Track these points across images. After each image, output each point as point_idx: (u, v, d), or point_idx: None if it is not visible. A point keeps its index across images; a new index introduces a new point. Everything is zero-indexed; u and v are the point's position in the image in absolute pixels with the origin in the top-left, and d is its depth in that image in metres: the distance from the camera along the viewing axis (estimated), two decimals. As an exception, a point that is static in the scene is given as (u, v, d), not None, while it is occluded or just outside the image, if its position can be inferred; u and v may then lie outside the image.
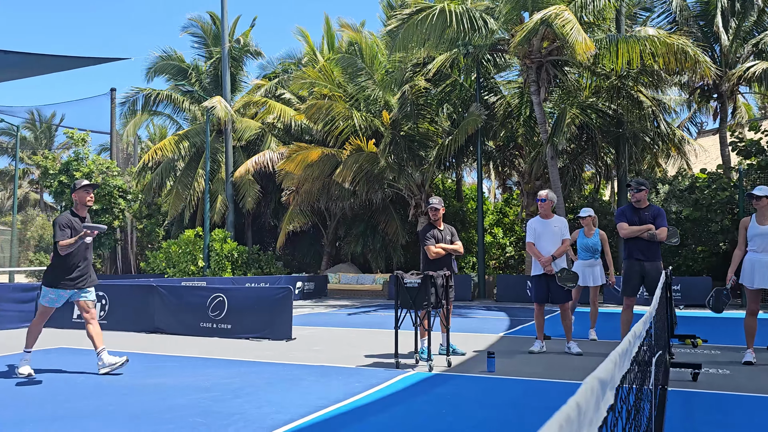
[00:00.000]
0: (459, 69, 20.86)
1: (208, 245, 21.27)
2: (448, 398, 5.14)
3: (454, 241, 7.55)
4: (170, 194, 25.22)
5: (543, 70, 17.51)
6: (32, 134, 44.81)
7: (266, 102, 24.52)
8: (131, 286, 10.67)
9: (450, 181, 26.67)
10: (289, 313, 9.10)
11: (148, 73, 26.66)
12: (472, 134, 18.91)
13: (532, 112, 18.73)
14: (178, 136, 25.02)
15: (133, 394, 5.26)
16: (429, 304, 6.45)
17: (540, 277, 7.51)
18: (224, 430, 4.14)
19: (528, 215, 20.16)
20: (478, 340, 8.88)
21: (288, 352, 7.76)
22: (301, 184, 21.29)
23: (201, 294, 9.83)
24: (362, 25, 25.31)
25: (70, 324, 10.70)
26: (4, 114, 28.00)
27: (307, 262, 25.89)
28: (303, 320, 12.06)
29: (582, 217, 8.97)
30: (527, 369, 6.52)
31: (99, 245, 24.77)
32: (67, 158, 25.07)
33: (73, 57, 20.53)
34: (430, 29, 16.49)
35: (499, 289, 17.95)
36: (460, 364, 6.88)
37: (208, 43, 27.06)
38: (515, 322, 11.64)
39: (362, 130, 20.21)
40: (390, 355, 7.38)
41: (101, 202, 24.02)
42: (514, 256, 23.83)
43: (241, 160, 24.29)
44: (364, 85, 21.09)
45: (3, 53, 18.32)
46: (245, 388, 5.50)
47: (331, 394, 5.28)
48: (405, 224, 22.66)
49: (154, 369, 6.55)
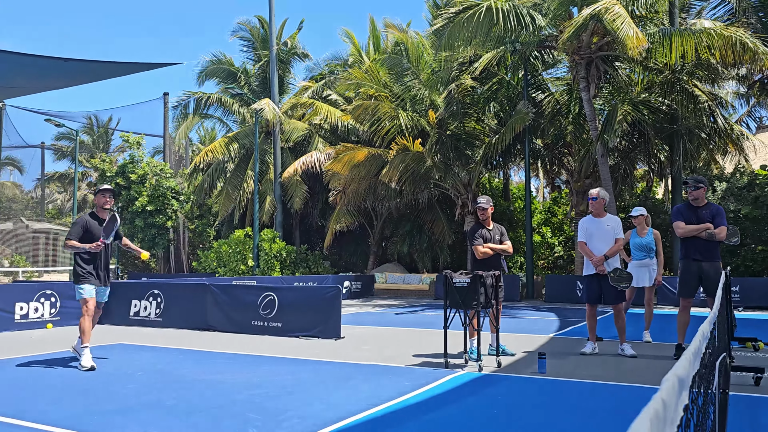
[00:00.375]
0: (506, 67, 20.64)
1: (257, 245, 21.65)
2: (499, 399, 5.10)
3: (503, 241, 7.48)
4: (220, 195, 25.77)
5: (593, 66, 17.17)
6: (90, 138, 46.46)
7: (313, 103, 24.80)
8: (185, 285, 10.96)
9: (497, 180, 26.42)
10: (338, 312, 9.19)
11: (199, 77, 27.35)
12: (520, 132, 18.68)
13: (582, 109, 18.38)
14: (227, 138, 25.56)
15: (191, 389, 5.41)
16: (478, 304, 6.42)
17: (592, 277, 7.37)
18: (279, 426, 4.22)
19: (577, 214, 19.80)
20: (527, 341, 8.78)
21: (337, 351, 7.84)
22: (347, 184, 21.45)
23: (252, 293, 10.02)
24: (408, 25, 25.33)
25: (128, 321, 11.07)
26: (65, 119, 29.15)
27: (354, 261, 26.07)
28: (351, 319, 12.15)
29: (634, 216, 8.77)
30: (580, 371, 6.42)
31: (153, 245, 25.51)
32: (122, 161, 25.91)
33: (128, 63, 21.22)
34: (476, 27, 16.37)
35: (548, 290, 17.69)
36: (510, 364, 6.82)
37: (257, 46, 27.55)
38: (565, 323, 11.46)
39: (408, 129, 20.22)
40: (439, 355, 7.37)
41: (155, 203, 24.71)
42: (563, 256, 23.44)
43: (288, 161, 24.64)
44: (410, 84, 21.09)
45: (63, 61, 19.10)
46: (297, 386, 5.58)
47: (381, 392, 5.31)
48: (451, 224, 22.56)
49: (209, 366, 6.71)
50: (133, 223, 24.96)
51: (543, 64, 20.62)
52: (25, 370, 6.48)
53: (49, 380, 5.89)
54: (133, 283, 11.65)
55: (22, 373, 6.25)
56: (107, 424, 4.30)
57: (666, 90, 18.06)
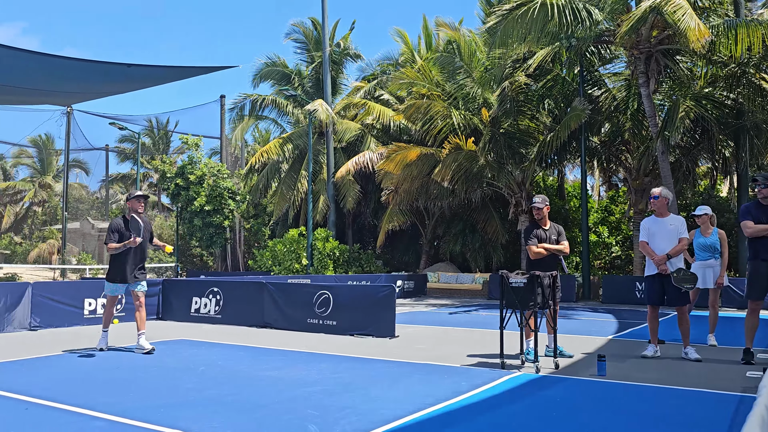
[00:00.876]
0: (561, 63, 20.25)
1: (311, 244, 21.94)
2: (557, 401, 5.03)
3: (560, 241, 7.35)
4: (275, 195, 26.24)
5: (652, 61, 16.67)
6: (151, 140, 48.05)
7: (365, 103, 24.95)
8: (243, 283, 11.21)
9: (551, 179, 25.98)
10: (393, 310, 9.23)
11: (254, 80, 27.91)
12: (576, 130, 18.31)
13: (641, 104, 17.87)
14: (282, 139, 25.99)
15: (250, 386, 5.54)
16: (535, 305, 6.33)
17: (654, 278, 7.16)
18: (337, 423, 4.28)
19: (636, 213, 19.27)
20: (585, 343, 8.61)
21: (392, 350, 7.87)
22: (400, 184, 21.48)
23: (307, 291, 10.18)
24: (460, 23, 25.18)
25: (188, 318, 11.41)
26: (127, 122, 30.26)
27: (406, 260, 26.10)
28: (404, 318, 12.18)
29: (698, 215, 8.47)
30: (641, 374, 6.25)
31: (211, 244, 26.18)
32: (181, 162, 26.68)
33: (186, 67, 21.83)
34: (530, 24, 16.12)
35: (605, 290, 17.28)
36: (567, 366, 6.71)
37: (310, 48, 27.91)
38: (624, 325, 11.17)
39: (461, 128, 20.10)
40: (494, 356, 7.31)
41: (213, 203, 25.35)
42: (621, 256, 22.85)
43: (341, 161, 24.87)
44: (462, 83, 20.96)
45: (126, 66, 19.80)
46: (353, 383, 5.64)
47: (437, 392, 5.31)
48: (505, 223, 22.31)
49: (267, 362, 6.86)
50: (192, 223, 25.67)
51: (600, 60, 20.12)
52: (94, 363, 6.77)
53: (116, 373, 6.14)
54: (193, 281, 12.00)
55: (92, 366, 6.54)
56: (172, 417, 4.45)
57: (731, 84, 17.36)
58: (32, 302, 9.89)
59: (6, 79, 20.88)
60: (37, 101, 26.92)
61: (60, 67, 20.09)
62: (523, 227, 19.67)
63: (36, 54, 18.68)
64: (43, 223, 51.08)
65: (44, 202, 52.38)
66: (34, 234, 51.25)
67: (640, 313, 13.64)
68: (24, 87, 22.47)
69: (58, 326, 10.13)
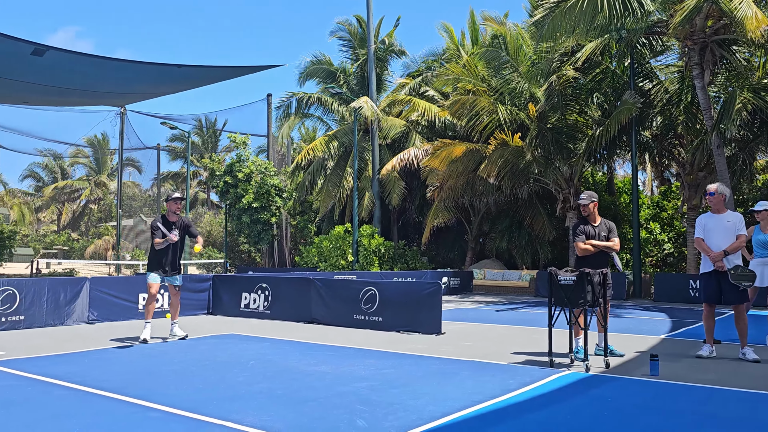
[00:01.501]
0: (610, 56, 19.80)
1: (356, 240, 22.09)
2: (608, 401, 4.94)
3: (610, 238, 7.20)
4: (321, 192, 26.50)
5: (707, 51, 16.14)
6: (200, 139, 49.17)
7: (410, 100, 24.93)
8: (291, 279, 11.37)
9: (600, 174, 25.44)
10: (439, 307, 9.21)
11: (300, 78, 28.23)
12: (626, 124, 17.88)
13: (695, 97, 17.34)
14: (327, 136, 26.21)
15: (299, 380, 5.63)
16: (585, 302, 6.23)
17: (710, 275, 6.95)
18: (385, 419, 4.31)
19: (690, 209, 18.71)
20: (636, 342, 8.42)
21: (438, 346, 7.87)
22: (445, 180, 21.41)
23: (354, 287, 10.25)
24: (506, 16, 24.88)
25: (237, 312, 11.65)
26: (178, 122, 31.01)
27: (451, 257, 25.99)
28: (450, 315, 12.14)
29: (757, 211, 8.17)
30: (696, 375, 6.08)
31: (258, 240, 26.64)
32: (230, 160, 27.21)
33: (234, 67, 22.25)
34: (579, 16, 15.80)
35: (657, 288, 16.86)
36: (618, 365, 6.58)
37: (355, 45, 28.04)
38: (678, 324, 10.87)
39: (507, 124, 19.88)
40: (543, 354, 7.23)
41: (260, 200, 25.76)
42: (674, 253, 22.22)
43: (386, 158, 24.93)
44: (508, 78, 20.72)
45: (177, 67, 20.31)
46: (400, 379, 5.67)
47: (485, 389, 5.29)
48: (552, 219, 21.98)
49: (315, 357, 6.95)
50: (240, 220, 26.16)
51: (651, 52, 19.58)
52: (149, 355, 6.99)
53: (171, 366, 6.32)
54: (243, 277, 12.24)
55: (147, 359, 6.75)
56: (223, 409, 4.56)
57: (792, 74, 16.66)
58: (90, 296, 10.27)
59: (64, 82, 21.70)
60: (93, 102, 27.88)
61: (114, 69, 20.75)
62: (572, 224, 19.36)
63: (92, 57, 19.35)
64: (99, 220, 52.90)
65: (99, 199, 54.21)
66: (90, 231, 53.13)
67: (694, 312, 13.25)
68: (81, 89, 23.31)
69: (114, 320, 10.48)
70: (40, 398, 4.84)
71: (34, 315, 9.54)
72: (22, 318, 9.40)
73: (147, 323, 8.12)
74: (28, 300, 9.49)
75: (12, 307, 9.29)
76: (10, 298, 9.28)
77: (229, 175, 26.19)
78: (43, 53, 17.88)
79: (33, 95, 24.11)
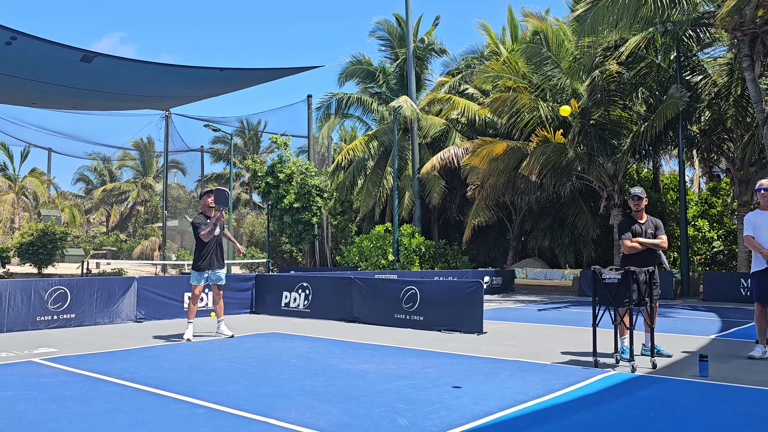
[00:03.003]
0: (655, 49, 19.32)
1: (397, 240, 22.10)
2: (657, 402, 4.82)
3: (657, 235, 7.02)
4: (361, 192, 26.60)
5: (758, 42, 15.59)
6: (242, 140, 49.95)
7: (450, 98, 24.81)
8: (332, 278, 11.46)
9: (646, 171, 24.85)
10: (480, 306, 9.15)
11: (340, 78, 28.41)
12: (672, 119, 17.42)
13: (745, 90, 16.78)
14: (367, 136, 26.30)
15: (341, 378, 5.67)
16: (630, 302, 6.09)
17: (762, 273, 6.72)
18: (427, 417, 4.30)
19: (740, 206, 18.11)
20: (684, 342, 8.19)
21: (480, 346, 7.81)
22: (486, 179, 21.23)
23: (395, 287, 10.26)
24: (547, 12, 24.55)
25: (279, 311, 11.79)
26: (220, 124, 31.60)
27: (493, 256, 25.77)
28: (492, 314, 12.04)
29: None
30: (748, 376, 5.88)
31: (300, 240, 26.92)
32: (271, 161, 27.56)
33: (275, 69, 22.54)
34: (622, 9, 15.47)
35: (707, 288, 16.39)
36: (666, 366, 6.41)
37: (394, 45, 28.06)
38: (728, 324, 10.54)
39: (549, 120, 19.60)
40: (587, 354, 7.10)
41: (301, 200, 26.03)
42: (723, 251, 21.55)
43: (426, 157, 24.87)
44: (550, 74, 20.41)
45: (219, 70, 20.69)
46: (442, 378, 5.65)
47: (528, 389, 5.23)
48: (596, 217, 21.57)
49: (356, 356, 6.98)
50: (281, 220, 26.47)
51: (698, 44, 19.03)
52: (195, 353, 7.14)
53: (215, 363, 6.44)
54: (284, 276, 12.39)
55: (193, 356, 6.90)
56: (268, 406, 4.63)
57: None
58: (138, 295, 10.55)
59: (111, 87, 22.35)
60: (139, 106, 28.65)
61: (159, 74, 21.28)
62: (617, 221, 18.95)
63: (138, 62, 19.87)
64: (146, 221, 54.27)
65: (146, 201, 55.61)
66: (137, 231, 54.57)
67: (745, 312, 12.83)
68: (127, 93, 23.97)
69: (161, 318, 10.74)
70: (92, 394, 5.00)
71: (84, 313, 9.86)
72: (72, 316, 9.72)
73: (189, 323, 8.32)
74: (78, 299, 9.81)
75: (63, 306, 9.62)
76: (62, 297, 9.61)
77: (270, 176, 26.53)
78: (91, 59, 18.47)
79: (82, 100, 24.92)
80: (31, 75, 20.12)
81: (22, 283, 9.33)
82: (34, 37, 16.66)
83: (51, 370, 6.00)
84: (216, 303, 8.70)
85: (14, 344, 7.78)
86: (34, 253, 29.28)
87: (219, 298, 8.66)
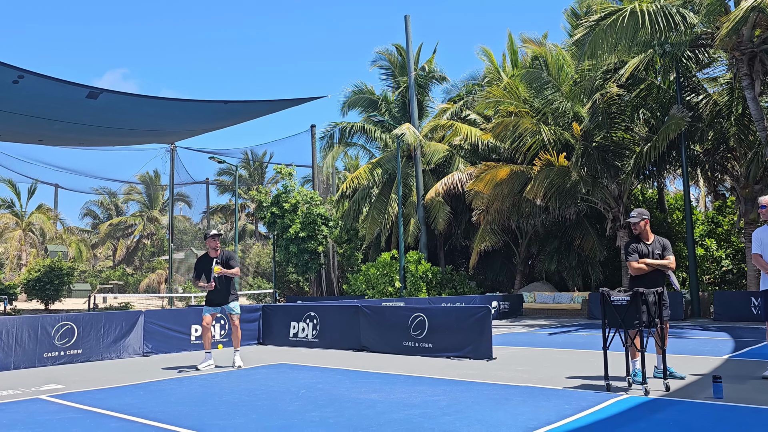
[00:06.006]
0: (655, 71, 19.45)
1: (403, 267, 22.03)
2: (672, 425, 4.75)
3: (665, 256, 6.98)
4: (366, 219, 26.63)
5: (756, 61, 15.70)
6: (247, 172, 50.24)
7: (452, 124, 24.98)
8: (339, 307, 11.40)
9: (650, 191, 24.83)
10: (489, 332, 9.07)
11: (343, 108, 28.66)
12: (675, 139, 17.48)
13: (746, 108, 16.84)
14: (371, 164, 26.43)
15: (351, 408, 5.61)
16: (640, 323, 6.04)
17: (772, 293, 6.66)
18: (438, 447, 4.24)
19: (747, 224, 18.02)
20: (697, 363, 8.09)
21: (490, 372, 7.73)
22: (490, 203, 21.24)
23: (402, 314, 10.20)
24: (545, 37, 24.78)
25: (287, 342, 11.72)
26: (225, 156, 31.82)
27: (500, 281, 25.65)
28: (501, 340, 11.94)
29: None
30: (763, 396, 5.79)
31: (306, 269, 26.88)
32: (276, 191, 27.66)
33: (279, 100, 22.76)
34: (620, 33, 15.64)
35: (717, 307, 16.23)
36: (680, 388, 6.32)
37: (395, 73, 28.35)
38: (741, 344, 10.41)
39: (551, 144, 19.67)
40: (598, 377, 7.02)
41: (307, 229, 26.06)
42: (732, 270, 21.39)
43: (431, 183, 24.94)
44: (551, 98, 20.56)
45: (223, 103, 20.92)
46: (453, 406, 5.58)
47: (540, 415, 5.15)
48: (602, 239, 21.50)
49: (366, 385, 6.91)
50: (287, 249, 26.47)
51: (697, 65, 19.17)
52: (203, 385, 7.08)
53: (223, 396, 6.39)
54: (291, 306, 12.34)
55: (201, 389, 6.84)
56: (278, 438, 4.57)
57: None
58: (144, 329, 10.51)
59: (117, 122, 22.60)
60: (144, 140, 28.91)
61: (164, 108, 21.52)
62: (623, 243, 18.88)
63: (143, 97, 20.13)
64: (152, 254, 54.37)
65: (152, 234, 55.78)
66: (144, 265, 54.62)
67: (757, 331, 12.68)
68: (132, 128, 24.22)
69: (168, 351, 10.69)
70: (98, 430, 4.95)
71: (91, 348, 9.82)
72: (79, 351, 9.68)
73: (207, 353, 8.58)
74: (85, 334, 9.78)
75: (70, 341, 9.59)
76: (69, 333, 9.59)
77: (275, 206, 26.61)
78: (97, 96, 18.71)
79: (88, 136, 25.18)
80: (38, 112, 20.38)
81: (29, 319, 9.31)
82: (41, 75, 16.91)
83: (58, 407, 5.96)
84: (232, 334, 8.81)
85: (21, 381, 7.74)
86: (41, 289, 29.28)
87: (235, 329, 8.75)
